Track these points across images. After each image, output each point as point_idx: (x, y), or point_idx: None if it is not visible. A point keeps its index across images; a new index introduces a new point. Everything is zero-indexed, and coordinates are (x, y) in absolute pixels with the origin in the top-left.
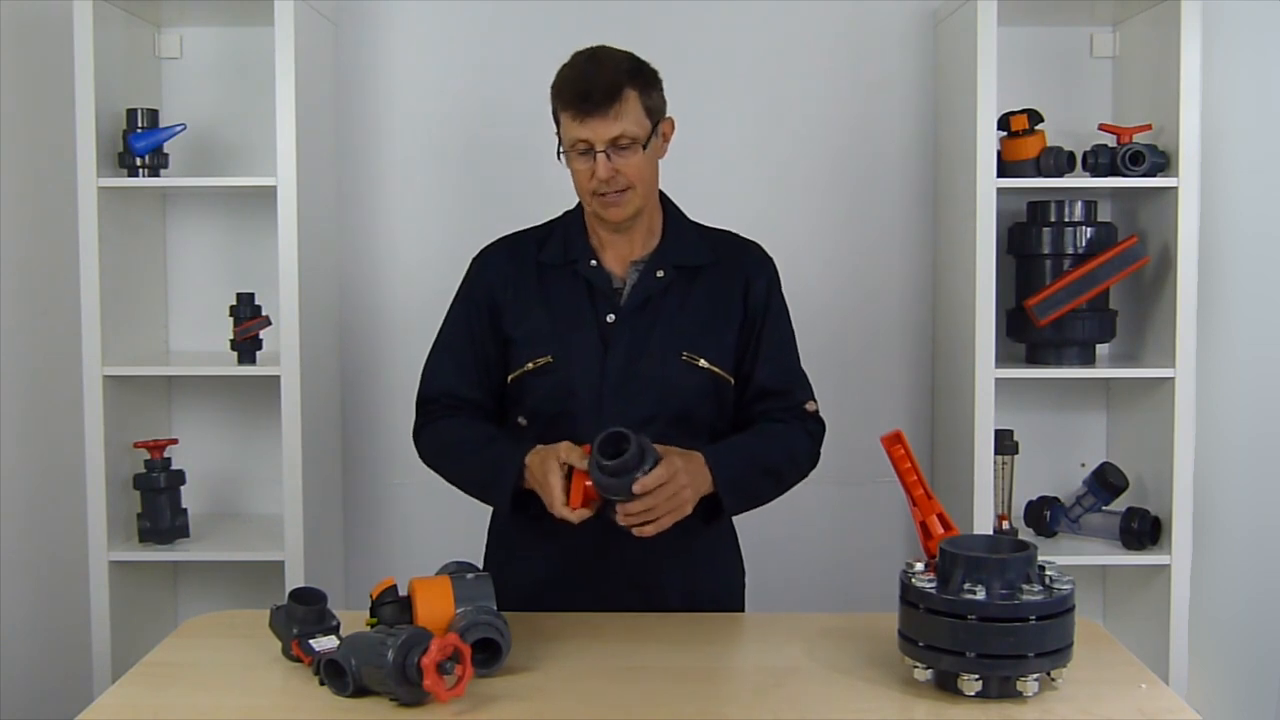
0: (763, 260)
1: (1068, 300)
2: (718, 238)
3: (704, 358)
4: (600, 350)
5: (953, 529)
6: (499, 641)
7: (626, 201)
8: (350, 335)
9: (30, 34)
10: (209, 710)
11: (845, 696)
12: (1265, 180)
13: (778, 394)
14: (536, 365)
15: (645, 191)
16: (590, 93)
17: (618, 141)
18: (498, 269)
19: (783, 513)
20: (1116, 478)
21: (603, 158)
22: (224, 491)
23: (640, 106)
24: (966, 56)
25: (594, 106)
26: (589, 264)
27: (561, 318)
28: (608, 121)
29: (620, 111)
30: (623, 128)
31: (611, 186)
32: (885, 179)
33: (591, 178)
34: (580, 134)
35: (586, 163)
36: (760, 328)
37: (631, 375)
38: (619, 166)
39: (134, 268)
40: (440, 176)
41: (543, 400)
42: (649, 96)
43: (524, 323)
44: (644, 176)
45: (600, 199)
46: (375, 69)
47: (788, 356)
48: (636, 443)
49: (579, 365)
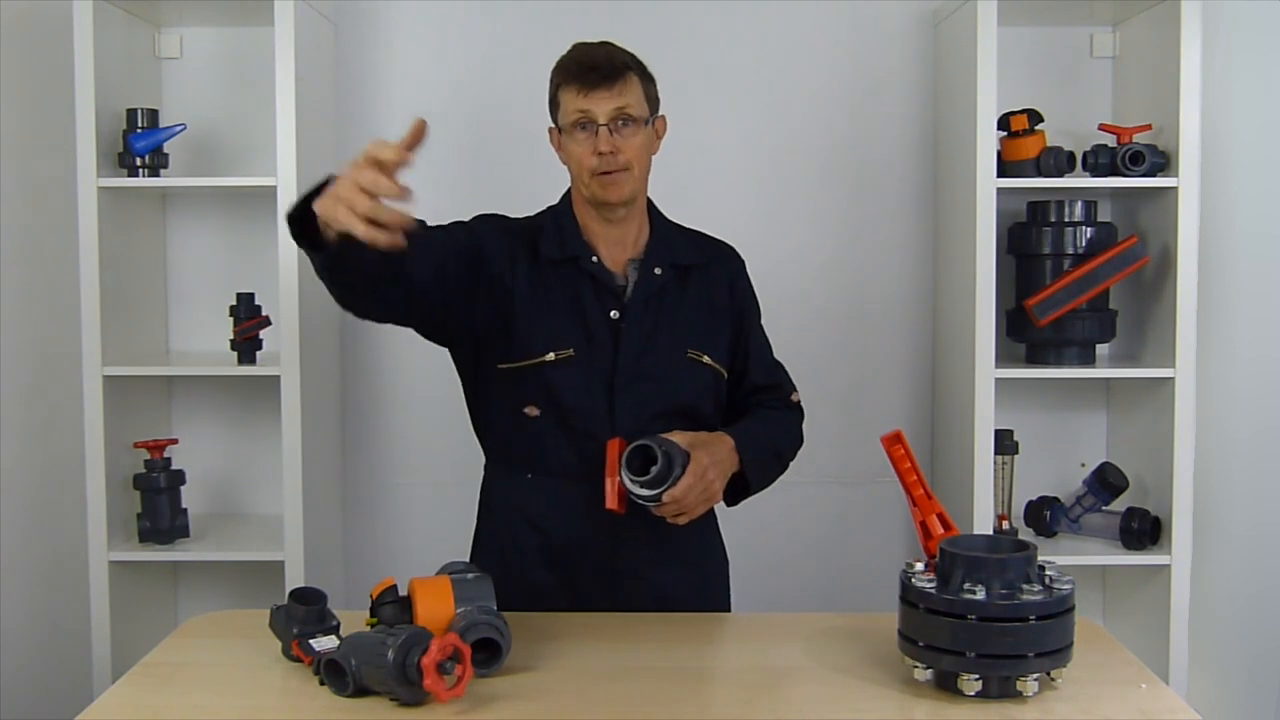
0: (739, 260)
1: (1068, 300)
2: (697, 238)
3: (707, 354)
4: (611, 347)
5: (953, 529)
6: (499, 641)
7: (624, 181)
8: (350, 335)
9: (30, 34)
10: (209, 710)
11: (845, 696)
12: (1265, 180)
13: (769, 388)
14: (560, 357)
15: (641, 175)
16: (597, 65)
17: (620, 114)
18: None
19: (783, 513)
20: (1116, 478)
21: (605, 131)
22: (224, 491)
23: (641, 90)
24: (966, 56)
25: (599, 79)
26: (590, 260)
27: (576, 312)
28: (611, 95)
29: (624, 88)
30: (625, 101)
31: (611, 164)
32: (885, 179)
33: (592, 153)
34: (583, 105)
35: (587, 138)
36: (746, 326)
37: (641, 371)
38: (619, 143)
39: (134, 268)
40: (440, 176)
41: (562, 391)
42: (648, 86)
43: (543, 312)
44: (641, 159)
45: (599, 178)
46: (375, 69)
47: (769, 352)
48: (664, 459)
49: (595, 360)
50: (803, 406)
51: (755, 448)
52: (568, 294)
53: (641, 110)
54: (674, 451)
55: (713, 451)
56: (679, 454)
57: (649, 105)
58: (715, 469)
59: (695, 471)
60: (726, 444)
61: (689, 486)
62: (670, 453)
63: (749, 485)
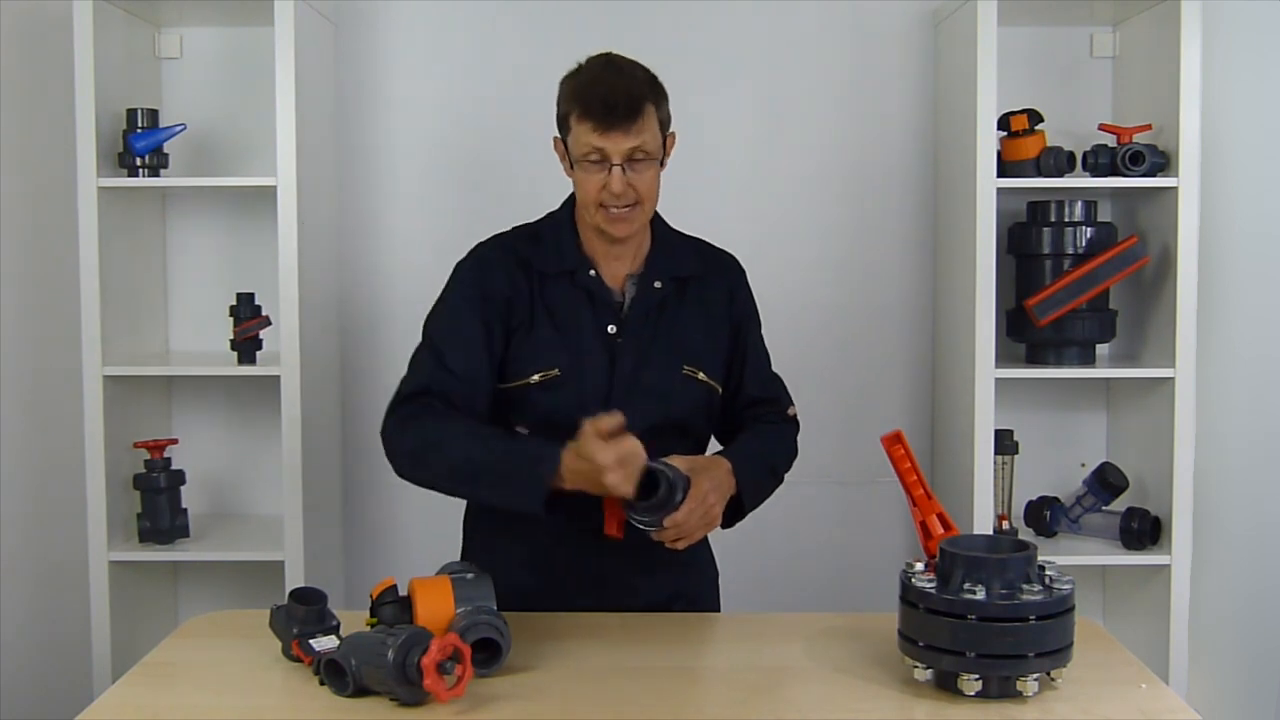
0: (739, 270)
1: (1068, 300)
2: (698, 246)
3: (702, 370)
4: (606, 362)
5: (953, 529)
6: (499, 641)
7: (634, 218)
8: (350, 335)
9: (30, 34)
10: (209, 710)
11: (845, 696)
12: (1265, 180)
13: (766, 401)
14: (545, 378)
15: (651, 208)
16: (616, 105)
17: (634, 154)
18: (504, 272)
19: (783, 513)
20: (1116, 478)
21: (618, 171)
22: (224, 491)
23: (656, 121)
24: (966, 56)
25: (617, 120)
26: (588, 274)
27: (566, 329)
28: (628, 136)
29: (641, 126)
30: (641, 141)
31: (622, 201)
32: (885, 179)
33: (602, 189)
34: (597, 144)
35: (599, 174)
36: (745, 338)
37: (636, 387)
38: (632, 181)
39: (134, 268)
40: (440, 176)
41: (549, 412)
42: (662, 110)
43: (530, 333)
44: (653, 193)
45: (606, 213)
46: (375, 69)
47: (767, 365)
48: (667, 485)
49: (586, 378)
50: (799, 420)
51: (751, 469)
52: (562, 310)
53: (656, 146)
54: (676, 477)
55: (712, 476)
56: (681, 479)
57: (662, 132)
58: (715, 493)
59: (696, 496)
60: (724, 467)
61: (690, 511)
62: (673, 479)
63: (744, 507)
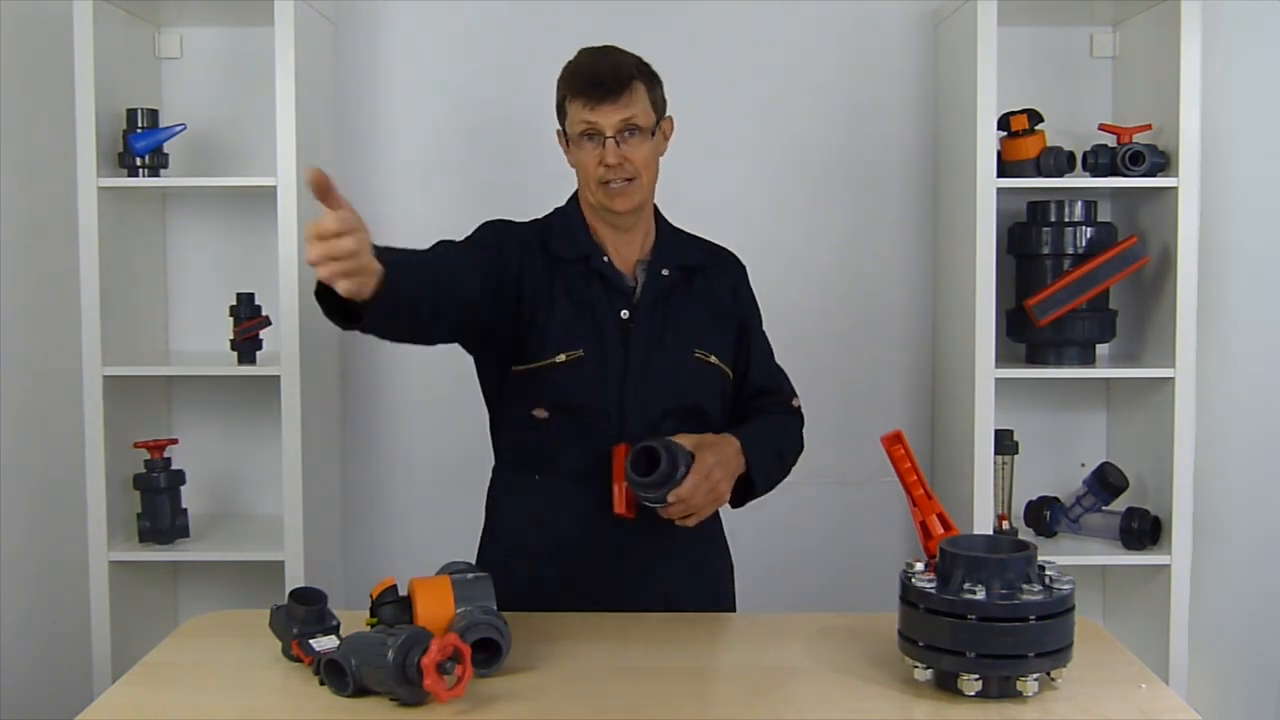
0: (741, 267)
1: (1068, 300)
2: (700, 243)
3: (714, 355)
4: (621, 346)
5: (953, 529)
6: (499, 641)
7: (632, 191)
8: (350, 335)
9: (30, 34)
10: (209, 710)
11: (845, 696)
12: (1265, 180)
13: (770, 392)
14: (569, 358)
15: (649, 183)
16: (602, 79)
17: (625, 126)
18: (523, 242)
19: (783, 512)
20: (1116, 478)
21: (611, 143)
22: (224, 491)
23: (647, 98)
24: (966, 56)
25: (605, 92)
26: (601, 260)
27: (586, 312)
28: (618, 107)
29: (630, 99)
30: (632, 112)
31: (619, 174)
32: (885, 179)
33: (599, 164)
34: (590, 118)
35: (594, 149)
36: (748, 330)
37: (650, 371)
38: (627, 153)
39: (134, 268)
40: (440, 176)
41: (571, 393)
42: (654, 91)
43: (553, 314)
44: (649, 166)
45: (606, 188)
46: (375, 69)
47: (771, 357)
48: (668, 458)
49: (605, 360)
50: (803, 412)
51: (760, 449)
52: (578, 293)
53: (648, 119)
54: (678, 451)
55: (718, 451)
56: (683, 454)
57: (655, 110)
58: (720, 469)
59: (700, 471)
60: (732, 445)
61: (694, 486)
62: (674, 452)
63: (754, 486)
